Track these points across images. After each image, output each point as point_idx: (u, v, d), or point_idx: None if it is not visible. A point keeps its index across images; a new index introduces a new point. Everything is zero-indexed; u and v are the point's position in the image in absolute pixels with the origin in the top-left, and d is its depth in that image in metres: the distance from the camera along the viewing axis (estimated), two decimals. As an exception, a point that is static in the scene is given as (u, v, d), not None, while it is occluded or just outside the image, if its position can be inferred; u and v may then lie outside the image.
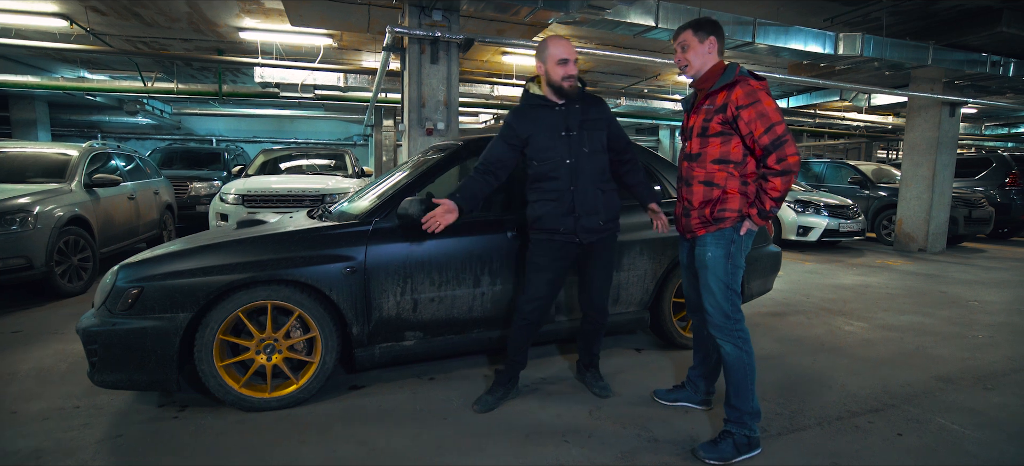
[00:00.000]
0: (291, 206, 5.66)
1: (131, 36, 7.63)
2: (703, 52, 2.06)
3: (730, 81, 1.95)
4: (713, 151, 2.01)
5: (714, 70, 2.05)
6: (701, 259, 2.06)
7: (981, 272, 6.08)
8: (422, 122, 4.76)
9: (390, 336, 2.50)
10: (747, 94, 1.91)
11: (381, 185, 2.98)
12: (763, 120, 1.89)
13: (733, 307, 2.01)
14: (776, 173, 1.88)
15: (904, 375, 2.85)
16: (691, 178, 2.08)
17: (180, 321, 2.15)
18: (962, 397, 2.58)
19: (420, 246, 2.49)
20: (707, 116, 2.01)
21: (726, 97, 1.95)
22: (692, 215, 2.08)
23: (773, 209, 1.93)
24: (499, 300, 2.65)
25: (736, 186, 1.99)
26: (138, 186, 5.95)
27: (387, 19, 5.77)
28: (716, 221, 2.01)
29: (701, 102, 2.06)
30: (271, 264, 2.25)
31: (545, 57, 2.23)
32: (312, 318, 2.33)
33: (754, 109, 1.90)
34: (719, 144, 2.00)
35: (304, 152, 7.85)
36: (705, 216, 2.03)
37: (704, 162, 2.03)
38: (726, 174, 1.99)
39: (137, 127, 14.99)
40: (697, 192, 2.05)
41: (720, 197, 2.00)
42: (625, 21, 4.85)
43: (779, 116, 1.90)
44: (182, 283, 2.16)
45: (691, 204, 2.08)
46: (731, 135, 1.97)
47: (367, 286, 2.39)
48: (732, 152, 1.99)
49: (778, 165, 1.87)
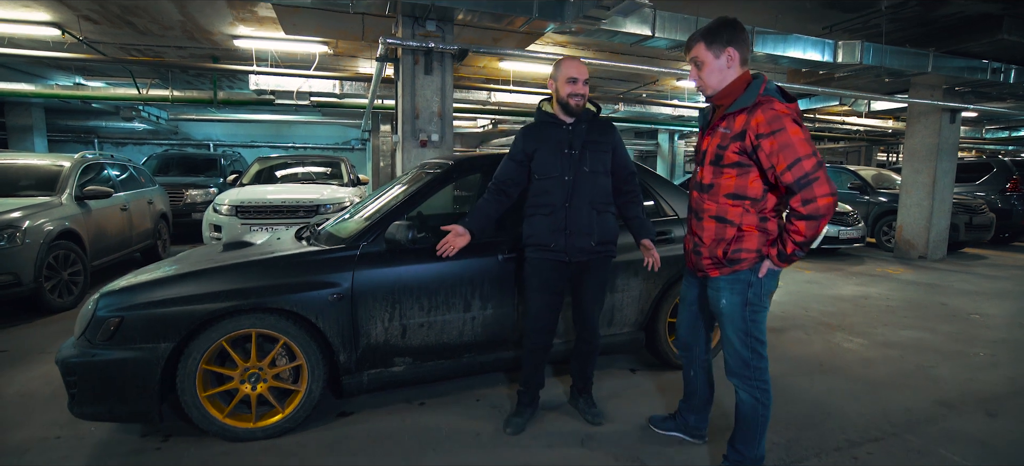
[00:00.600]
0: (285, 217, 5.60)
1: (125, 44, 7.59)
2: (720, 68, 1.74)
3: (751, 103, 1.65)
4: (726, 184, 1.73)
5: (736, 84, 1.74)
6: (715, 304, 1.85)
7: (982, 281, 6.02)
8: (416, 134, 4.71)
9: (379, 362, 2.45)
10: (770, 121, 1.61)
11: (370, 205, 2.92)
12: (787, 153, 1.59)
13: (754, 354, 1.80)
14: (801, 216, 1.60)
15: (905, 399, 2.80)
16: (701, 211, 1.82)
17: (161, 351, 2.10)
18: (964, 424, 2.52)
19: (409, 270, 2.44)
20: (722, 142, 1.72)
21: (745, 121, 1.65)
22: (702, 254, 1.83)
23: (797, 254, 1.67)
24: (490, 324, 2.60)
25: (754, 222, 1.72)
26: (131, 196, 5.90)
27: (381, 27, 5.73)
28: (730, 263, 1.75)
29: (717, 121, 1.77)
30: (255, 292, 2.19)
31: (557, 75, 2.27)
32: (298, 346, 2.28)
33: (777, 139, 1.60)
34: (735, 176, 1.72)
35: (299, 160, 7.79)
36: (717, 257, 1.77)
37: (716, 195, 1.76)
38: (741, 210, 1.72)
39: (134, 132, 14.94)
40: (708, 228, 1.79)
41: (735, 236, 1.74)
42: (622, 30, 4.80)
43: (809, 147, 1.59)
44: (164, 312, 2.11)
45: (701, 241, 1.83)
46: (749, 167, 1.69)
47: (354, 312, 2.34)
48: (749, 187, 1.71)
49: (804, 208, 1.59)
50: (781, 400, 2.77)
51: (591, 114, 2.32)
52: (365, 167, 16.27)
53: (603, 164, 2.29)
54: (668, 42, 5.05)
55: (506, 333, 2.64)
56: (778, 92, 1.70)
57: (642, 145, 17.84)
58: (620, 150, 2.35)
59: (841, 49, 5.66)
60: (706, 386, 2.19)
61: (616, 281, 2.81)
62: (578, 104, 2.23)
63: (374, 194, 3.21)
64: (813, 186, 1.58)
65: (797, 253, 1.67)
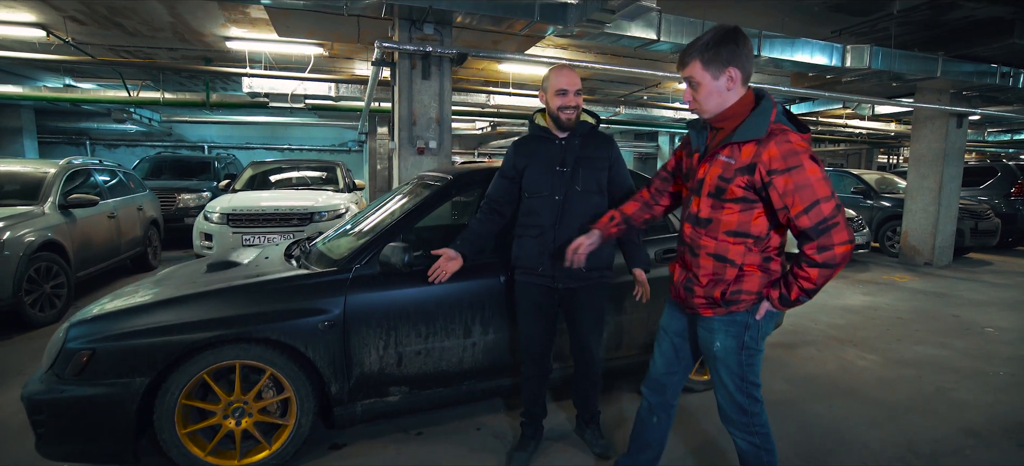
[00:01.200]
0: (279, 225, 5.44)
1: (114, 45, 7.40)
2: (719, 90, 1.51)
3: (763, 134, 1.44)
4: (728, 220, 1.54)
5: (739, 107, 1.52)
6: (706, 346, 1.67)
7: (991, 290, 5.90)
8: (413, 141, 4.55)
9: (373, 392, 2.29)
10: (785, 156, 1.41)
11: (364, 222, 2.77)
12: (805, 194, 1.40)
13: (750, 399, 1.63)
14: (816, 264, 1.43)
15: (928, 427, 2.66)
16: (697, 247, 1.61)
17: (137, 386, 1.93)
18: (994, 457, 2.38)
19: (405, 295, 2.28)
20: (725, 173, 1.50)
21: (755, 153, 1.45)
22: (695, 291, 1.63)
23: (801, 299, 1.50)
24: (492, 350, 2.44)
25: (756, 262, 1.55)
26: (120, 203, 5.71)
27: (378, 30, 5.57)
28: (727, 304, 1.57)
29: (717, 147, 1.54)
30: (239, 321, 2.03)
31: (546, 86, 2.11)
32: (286, 378, 2.12)
33: (793, 177, 1.40)
34: (738, 212, 1.52)
35: (294, 165, 7.62)
36: (714, 298, 1.58)
37: (715, 232, 1.56)
38: (743, 249, 1.54)
39: (126, 134, 14.72)
40: (705, 267, 1.59)
41: (736, 277, 1.56)
42: (626, 35, 4.65)
43: (828, 188, 1.41)
44: (139, 344, 1.95)
45: (696, 278, 1.62)
46: (755, 203, 1.50)
47: (347, 340, 2.18)
48: (753, 224, 1.52)
49: (820, 255, 1.41)
50: (797, 426, 2.63)
51: (588, 127, 2.15)
52: (362, 170, 16.08)
53: (598, 182, 2.12)
54: (673, 46, 4.91)
55: (509, 359, 2.49)
56: (787, 117, 1.52)
57: (642, 147, 17.70)
58: (618, 166, 2.19)
59: (849, 53, 5.53)
60: (665, 438, 1.96)
61: (624, 303, 2.66)
62: (569, 117, 2.06)
63: (369, 207, 3.06)
64: (832, 232, 1.40)
65: (801, 299, 1.50)
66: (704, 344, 1.68)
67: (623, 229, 1.95)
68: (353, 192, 6.93)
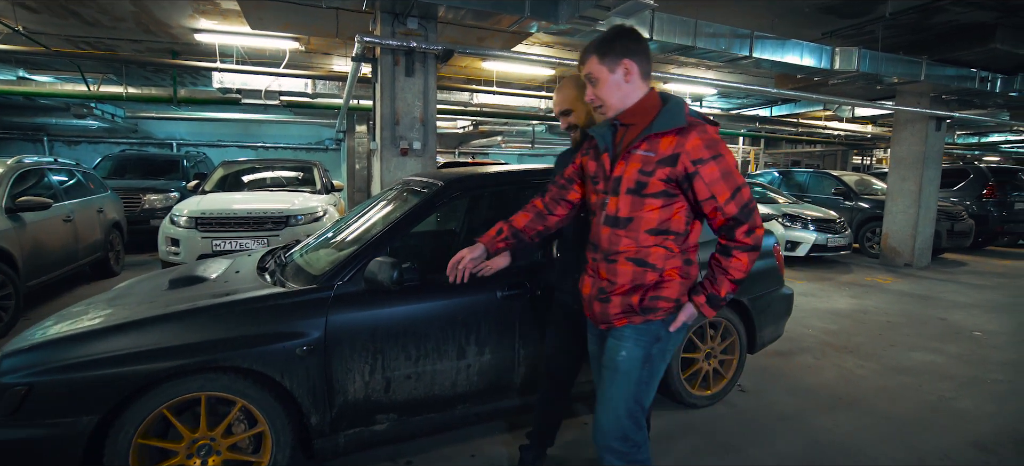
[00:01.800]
0: (252, 229, 5.12)
1: (71, 36, 6.92)
2: (617, 83, 1.49)
3: (683, 124, 1.44)
4: (650, 218, 1.48)
5: (646, 103, 1.50)
6: (611, 358, 1.54)
7: (972, 291, 5.98)
8: (396, 141, 4.32)
9: (358, 421, 2.08)
10: (708, 144, 1.42)
11: (346, 230, 2.54)
12: (729, 181, 1.42)
13: (635, 426, 1.52)
14: (746, 248, 1.44)
15: (936, 440, 2.57)
16: (614, 252, 1.51)
17: (83, 426, 1.68)
18: (1008, 473, 2.31)
19: (393, 313, 2.07)
20: (645, 166, 1.45)
21: (675, 144, 1.42)
22: (611, 301, 1.53)
23: (730, 295, 1.49)
24: (487, 371, 2.25)
25: (677, 265, 1.50)
26: (77, 205, 5.31)
27: (358, 24, 5.30)
28: (644, 311, 1.50)
29: (630, 143, 1.49)
30: (205, 348, 1.80)
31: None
32: (259, 410, 1.89)
33: (718, 165, 1.41)
34: (659, 208, 1.47)
35: (268, 164, 7.25)
36: (631, 305, 1.50)
37: (635, 231, 1.49)
38: (665, 251, 1.49)
39: (88, 130, 13.94)
40: (623, 273, 1.50)
41: (656, 282, 1.49)
42: (617, 33, 4.49)
43: (742, 176, 1.47)
44: (86, 377, 1.70)
45: (612, 286, 1.52)
46: (675, 197, 1.47)
47: (328, 366, 1.96)
48: (673, 220, 1.48)
49: (749, 238, 1.44)
50: (805, 444, 2.52)
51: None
52: (340, 170, 15.64)
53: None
54: (660, 45, 4.79)
55: (506, 380, 2.30)
56: (699, 114, 1.52)
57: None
58: None
59: (838, 56, 5.51)
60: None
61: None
62: (574, 138, 1.98)
63: (351, 214, 2.83)
64: (755, 215, 1.45)
65: (730, 296, 1.50)
66: (607, 355, 1.56)
67: (512, 244, 1.79)
68: (331, 193, 6.63)
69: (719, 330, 2.85)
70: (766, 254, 3.02)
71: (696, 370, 2.82)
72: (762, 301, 2.94)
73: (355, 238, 2.38)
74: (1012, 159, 16.84)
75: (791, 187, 9.76)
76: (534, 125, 13.75)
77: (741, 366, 2.95)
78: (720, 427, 2.66)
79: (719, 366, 2.90)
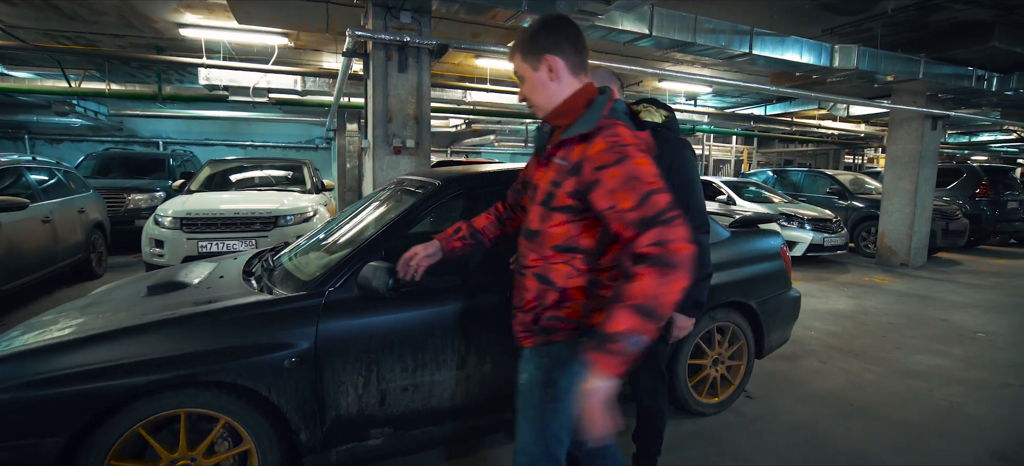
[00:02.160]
0: (239, 230, 4.95)
1: (51, 30, 6.68)
2: (542, 81, 1.31)
3: (591, 128, 1.22)
4: (555, 233, 1.29)
5: (573, 102, 1.28)
6: (518, 379, 1.43)
7: (969, 291, 5.95)
8: (389, 139, 4.18)
9: (351, 436, 1.94)
10: (611, 147, 1.18)
11: (338, 232, 2.40)
12: (635, 185, 1.13)
13: (546, 455, 1.33)
14: (650, 260, 1.08)
15: (954, 450, 2.49)
16: (524, 267, 1.36)
17: (48, 449, 1.54)
18: (1030, 483, 2.23)
19: (388, 321, 1.94)
20: (557, 177, 1.27)
21: (581, 151, 1.22)
22: (516, 318, 1.40)
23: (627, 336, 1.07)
24: (488, 382, 2.13)
25: (580, 286, 1.30)
26: (57, 205, 5.11)
27: (348, 19, 5.14)
28: (543, 332, 1.34)
29: (553, 149, 1.32)
30: (185, 361, 1.65)
31: None
32: (244, 426, 1.75)
33: (621, 169, 1.15)
34: (565, 223, 1.28)
35: (256, 163, 7.06)
36: (527, 324, 1.36)
37: (542, 246, 1.31)
38: (569, 269, 1.29)
39: (70, 128, 13.60)
40: (529, 288, 1.34)
41: (557, 301, 1.31)
42: (617, 28, 4.40)
43: (663, 183, 1.16)
44: (53, 394, 1.55)
45: (520, 301, 1.38)
46: (583, 212, 1.26)
47: (319, 379, 1.83)
48: (582, 238, 1.28)
49: (656, 249, 1.08)
50: (820, 454, 2.43)
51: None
52: (330, 169, 15.41)
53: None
54: (657, 41, 4.69)
55: (508, 391, 2.17)
56: (628, 116, 1.33)
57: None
58: None
59: (837, 53, 5.45)
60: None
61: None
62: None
63: (342, 215, 2.69)
64: (672, 224, 1.10)
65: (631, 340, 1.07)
66: (517, 376, 1.44)
67: (469, 245, 1.68)
68: (321, 193, 6.47)
69: (727, 335, 2.75)
70: (774, 256, 2.92)
71: (703, 376, 2.72)
72: (770, 304, 2.85)
73: (347, 241, 2.24)
74: (1001, 158, 17.01)
75: (786, 186, 9.73)
76: (527, 124, 13.64)
77: (749, 372, 2.86)
78: (729, 436, 2.56)
79: (726, 372, 2.80)
